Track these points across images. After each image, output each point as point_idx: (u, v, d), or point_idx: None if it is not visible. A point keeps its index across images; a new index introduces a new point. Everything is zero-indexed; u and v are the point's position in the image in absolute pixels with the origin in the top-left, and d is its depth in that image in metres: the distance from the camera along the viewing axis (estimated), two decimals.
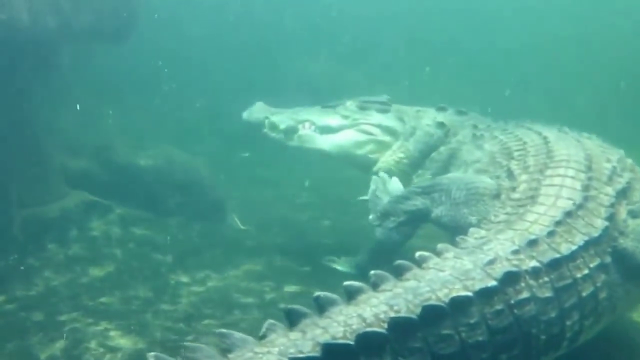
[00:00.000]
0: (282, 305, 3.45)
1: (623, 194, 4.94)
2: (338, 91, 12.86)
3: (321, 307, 3.50)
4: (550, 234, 4.21)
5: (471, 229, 4.47)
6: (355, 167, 7.59)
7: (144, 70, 12.33)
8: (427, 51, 14.48)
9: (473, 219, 5.21)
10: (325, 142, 7.22)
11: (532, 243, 4.09)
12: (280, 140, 7.30)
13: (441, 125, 7.08)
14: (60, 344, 5.59)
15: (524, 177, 5.18)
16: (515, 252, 4.00)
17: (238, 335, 3.32)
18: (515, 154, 5.74)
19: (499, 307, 3.69)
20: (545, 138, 5.75)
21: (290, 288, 6.77)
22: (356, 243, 8.15)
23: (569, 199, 4.60)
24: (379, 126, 7.21)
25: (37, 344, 5.62)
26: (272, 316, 5.99)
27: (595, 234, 4.38)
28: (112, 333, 5.79)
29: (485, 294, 3.66)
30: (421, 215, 6.00)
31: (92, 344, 5.59)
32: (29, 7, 7.06)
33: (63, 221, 7.92)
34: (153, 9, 10.93)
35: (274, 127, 7.25)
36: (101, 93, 11.25)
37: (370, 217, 6.64)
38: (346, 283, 3.65)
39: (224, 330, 3.34)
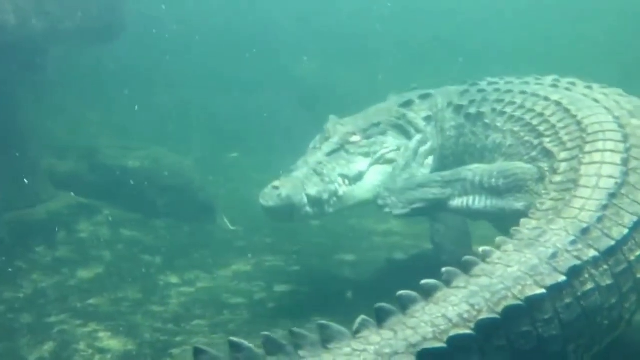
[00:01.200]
0: (377, 305, 3.65)
1: None
2: (326, 89, 12.94)
3: (403, 305, 3.67)
4: (600, 219, 4.20)
5: (522, 220, 4.45)
6: None
7: (132, 71, 12.29)
8: (417, 49, 14.48)
9: (519, 205, 5.15)
10: (363, 191, 6.26)
11: (586, 231, 4.11)
12: (322, 214, 6.07)
13: (429, 119, 6.57)
14: (49, 346, 5.57)
15: (563, 155, 5.02)
16: (573, 242, 4.04)
17: (336, 327, 3.50)
18: (541, 129, 5.46)
19: (568, 300, 3.82)
20: (558, 104, 5.50)
21: (279, 288, 6.77)
22: (346, 242, 8.19)
23: (611, 176, 4.52)
24: (398, 149, 6.46)
25: (26, 346, 5.60)
26: (262, 316, 6.09)
27: None
28: (101, 334, 5.76)
29: (556, 289, 3.79)
30: (438, 204, 5.75)
31: (81, 346, 5.57)
32: (15, 9, 7.04)
33: (50, 223, 7.88)
34: (141, 9, 10.91)
35: (317, 201, 5.93)
36: (88, 94, 11.21)
37: (379, 202, 6.06)
38: (423, 282, 3.78)
39: (324, 322, 3.51)
